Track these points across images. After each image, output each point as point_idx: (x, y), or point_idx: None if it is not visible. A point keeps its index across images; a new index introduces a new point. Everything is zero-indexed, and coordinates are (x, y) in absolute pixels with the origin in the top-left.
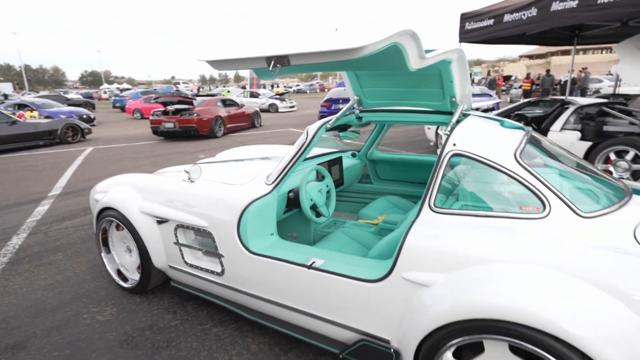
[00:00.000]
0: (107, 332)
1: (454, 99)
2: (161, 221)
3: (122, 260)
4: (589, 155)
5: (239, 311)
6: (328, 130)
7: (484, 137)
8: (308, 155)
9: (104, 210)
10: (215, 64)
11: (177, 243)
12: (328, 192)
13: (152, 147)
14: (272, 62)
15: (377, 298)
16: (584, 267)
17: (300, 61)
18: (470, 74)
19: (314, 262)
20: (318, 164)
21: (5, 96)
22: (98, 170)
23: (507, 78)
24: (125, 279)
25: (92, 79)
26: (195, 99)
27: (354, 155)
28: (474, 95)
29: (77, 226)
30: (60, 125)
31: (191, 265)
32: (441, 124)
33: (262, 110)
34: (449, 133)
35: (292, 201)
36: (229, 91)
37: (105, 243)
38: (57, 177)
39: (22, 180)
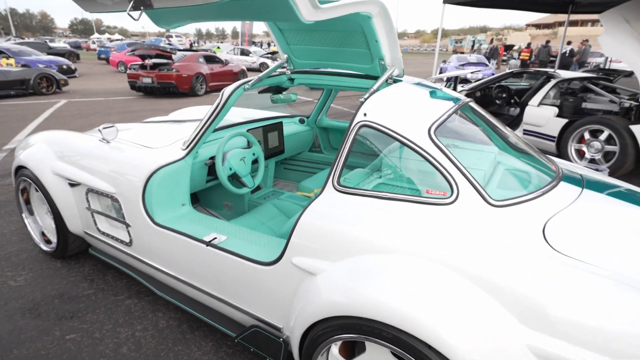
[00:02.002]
0: (14, 299)
1: (382, 62)
2: (73, 184)
3: (44, 222)
4: (563, 134)
5: (149, 285)
6: (248, 90)
7: (400, 108)
8: (243, 120)
9: (19, 168)
10: (80, 2)
11: (88, 209)
12: (256, 161)
13: (128, 103)
14: (132, 3)
15: (268, 282)
16: (475, 266)
17: (164, 4)
18: (474, 42)
19: (214, 239)
20: (250, 130)
21: None
22: (63, 125)
23: (509, 47)
24: (49, 242)
25: (82, 28)
26: (174, 54)
27: (302, 121)
28: (470, 63)
29: None
30: (33, 75)
31: (104, 233)
32: None
33: (253, 70)
34: (363, 101)
35: (213, 170)
36: (219, 47)
37: (29, 203)
38: (18, 130)
39: None
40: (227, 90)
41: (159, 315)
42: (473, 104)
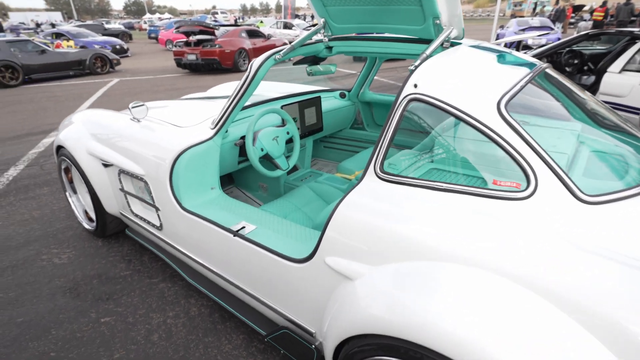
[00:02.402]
0: (57, 277)
1: (437, 21)
2: (106, 165)
3: (86, 201)
4: None
5: (180, 271)
6: (280, 61)
7: (460, 77)
8: (277, 96)
9: (60, 148)
10: None
11: (122, 190)
12: (290, 140)
13: (174, 80)
14: None
15: (299, 282)
16: (564, 288)
17: None
18: (536, 4)
19: (242, 228)
20: (284, 106)
21: (53, 25)
22: (114, 103)
23: (578, 8)
24: (92, 220)
25: (135, 9)
26: (217, 29)
27: (342, 95)
28: (531, 28)
29: None
30: (89, 56)
31: (137, 216)
32: None
33: None
34: (413, 68)
35: (244, 150)
36: (262, 22)
37: (72, 182)
38: (74, 109)
39: (42, 110)
40: (256, 62)
41: (191, 302)
42: (551, 70)
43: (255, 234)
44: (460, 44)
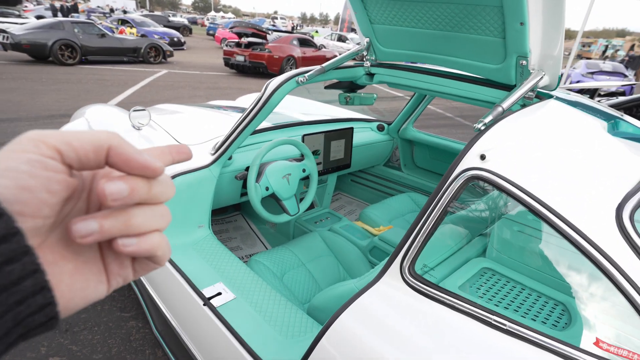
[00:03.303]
0: None
1: (524, 62)
2: None
3: None
4: None
5: (149, 316)
6: (304, 84)
7: (557, 156)
8: (298, 120)
9: None
10: None
11: None
12: (307, 177)
13: (218, 79)
14: None
15: None
16: None
17: None
18: (607, 47)
19: (217, 295)
20: (307, 135)
21: (125, 12)
22: (154, 94)
23: None
24: None
25: (202, 5)
26: (269, 34)
27: (381, 128)
28: (602, 72)
29: None
30: (144, 45)
31: None
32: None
33: None
34: (482, 128)
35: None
36: (317, 31)
37: None
38: (114, 95)
39: (84, 92)
40: (273, 83)
41: (158, 354)
42: None
43: (230, 309)
44: (551, 97)
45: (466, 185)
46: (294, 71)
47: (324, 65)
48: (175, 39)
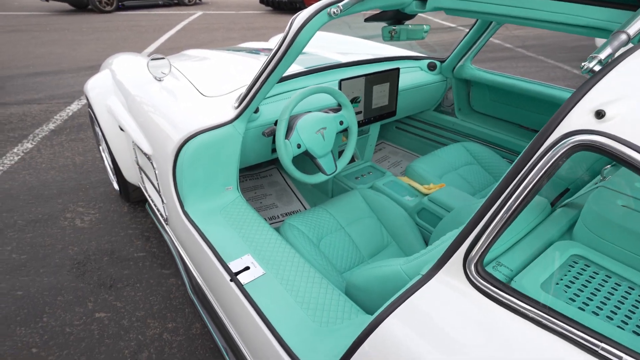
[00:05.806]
0: (72, 244)
1: None
2: (122, 129)
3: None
4: None
5: (185, 277)
6: (336, 18)
7: None
8: (334, 62)
9: None
10: None
11: (137, 163)
12: (345, 130)
13: (253, 18)
14: None
15: None
16: None
17: None
18: None
19: (246, 270)
20: (344, 80)
21: None
22: (189, 38)
23: None
24: None
25: None
26: None
27: (432, 67)
28: None
29: None
30: None
31: (150, 196)
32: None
33: None
34: (596, 68)
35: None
36: None
37: None
38: (151, 41)
39: (122, 40)
40: (299, 18)
41: (197, 315)
42: None
43: (258, 287)
44: None
45: (569, 156)
46: (324, 1)
47: None
48: None
